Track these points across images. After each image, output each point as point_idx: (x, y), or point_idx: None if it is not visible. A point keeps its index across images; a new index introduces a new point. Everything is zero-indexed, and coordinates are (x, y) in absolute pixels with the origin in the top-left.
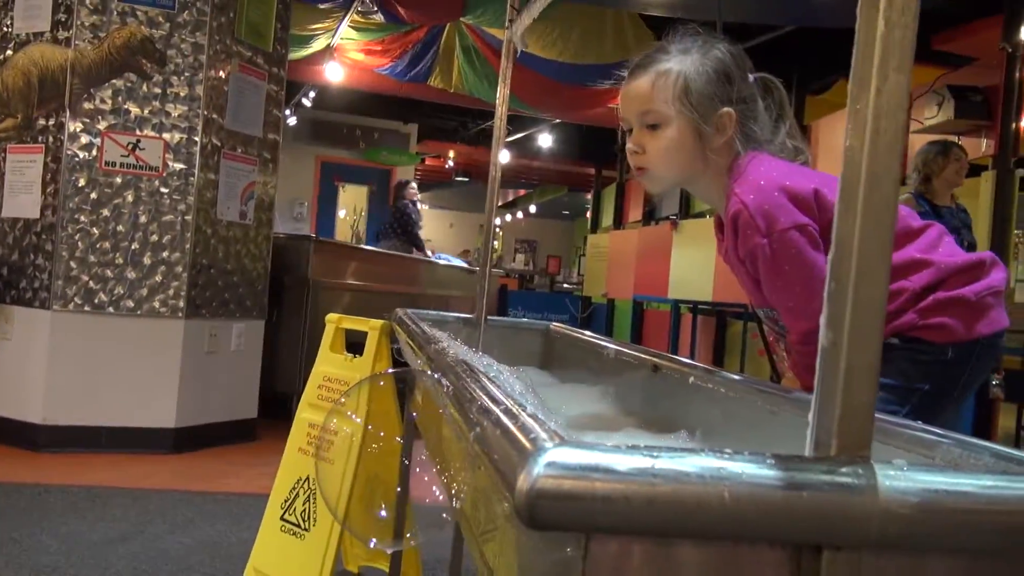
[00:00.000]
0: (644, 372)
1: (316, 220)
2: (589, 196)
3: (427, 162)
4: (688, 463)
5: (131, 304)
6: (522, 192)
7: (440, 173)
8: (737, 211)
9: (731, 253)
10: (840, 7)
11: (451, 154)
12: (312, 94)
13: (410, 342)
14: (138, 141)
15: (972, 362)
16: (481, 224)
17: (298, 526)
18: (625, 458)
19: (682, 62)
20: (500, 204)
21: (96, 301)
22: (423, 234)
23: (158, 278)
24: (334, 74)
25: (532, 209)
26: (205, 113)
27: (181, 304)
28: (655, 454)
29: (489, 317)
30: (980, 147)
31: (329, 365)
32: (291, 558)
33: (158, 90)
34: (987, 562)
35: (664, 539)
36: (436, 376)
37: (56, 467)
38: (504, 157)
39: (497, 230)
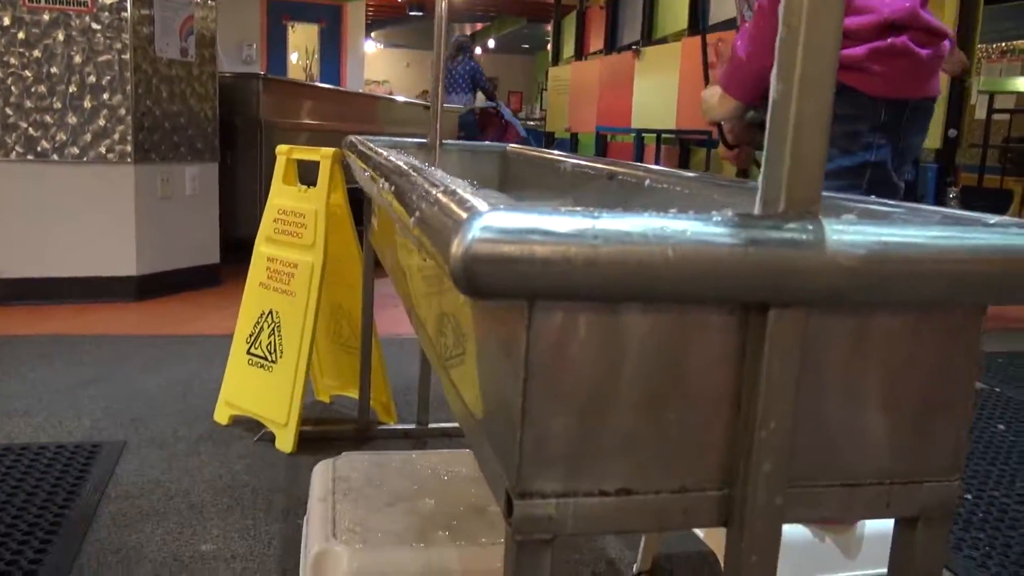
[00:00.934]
0: (601, 181)
1: (267, 63)
2: (549, 28)
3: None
4: (630, 223)
5: (76, 151)
6: (479, 26)
7: (392, 8)
8: None
9: None
10: None
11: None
12: None
13: (359, 161)
14: None
15: (904, 123)
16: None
17: (265, 359)
18: (565, 219)
19: None
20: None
21: (39, 149)
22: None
23: (101, 122)
24: None
25: (491, 44)
26: None
27: (129, 149)
28: (596, 215)
29: (445, 141)
30: None
31: (283, 197)
32: (261, 390)
33: None
34: (932, 317)
35: (609, 302)
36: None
37: (18, 318)
38: None
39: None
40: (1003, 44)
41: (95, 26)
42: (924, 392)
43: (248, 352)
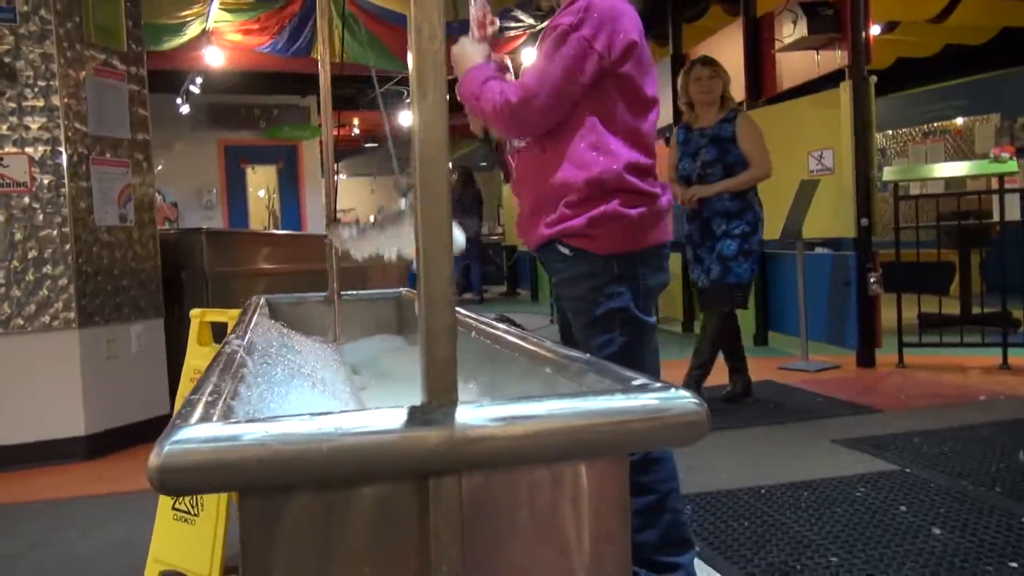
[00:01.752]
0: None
1: (227, 206)
2: None
3: (334, 131)
4: (293, 426)
5: (21, 322)
6: None
7: (348, 141)
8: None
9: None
10: None
11: (355, 121)
12: (199, 80)
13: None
14: (0, 159)
15: (639, 269)
16: (397, 183)
17: (188, 512)
18: (247, 427)
19: None
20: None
21: None
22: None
23: (44, 292)
24: (214, 58)
25: (448, 165)
26: (66, 122)
27: (72, 315)
28: (273, 421)
29: (344, 292)
30: (836, 59)
31: (199, 359)
32: (185, 544)
33: (13, 104)
34: (574, 469)
35: (285, 491)
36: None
37: None
38: (407, 120)
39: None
40: (926, 126)
41: (35, 204)
42: (580, 528)
43: (173, 507)
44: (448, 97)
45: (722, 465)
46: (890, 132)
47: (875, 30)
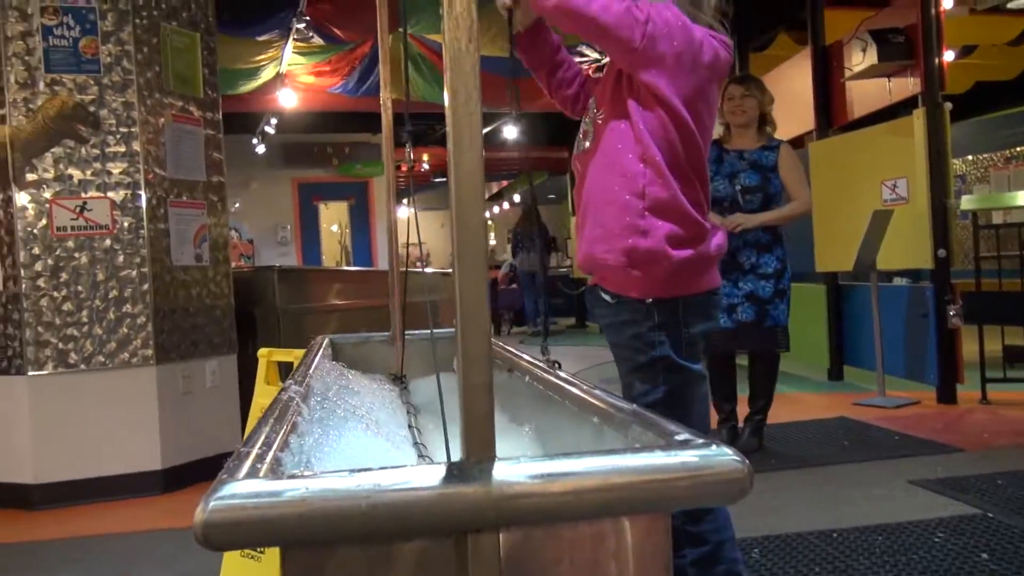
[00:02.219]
0: (504, 375)
1: (301, 241)
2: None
3: (403, 168)
4: (333, 482)
5: (102, 359)
6: (505, 183)
7: (418, 177)
8: None
9: None
10: None
11: (425, 157)
12: (274, 121)
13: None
14: (85, 203)
15: (681, 316)
16: None
17: (255, 550)
18: (289, 483)
19: None
20: (486, 197)
21: (69, 361)
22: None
23: (124, 330)
24: (288, 100)
25: (516, 198)
26: (145, 167)
27: (150, 352)
28: (314, 477)
29: (409, 332)
30: (909, 86)
31: (265, 397)
32: None
33: (97, 151)
34: (616, 526)
35: (326, 546)
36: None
37: (50, 523)
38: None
39: (489, 223)
40: (1008, 151)
41: (116, 246)
42: None
43: None
44: (483, 154)
45: (792, 506)
46: (970, 158)
47: (949, 55)
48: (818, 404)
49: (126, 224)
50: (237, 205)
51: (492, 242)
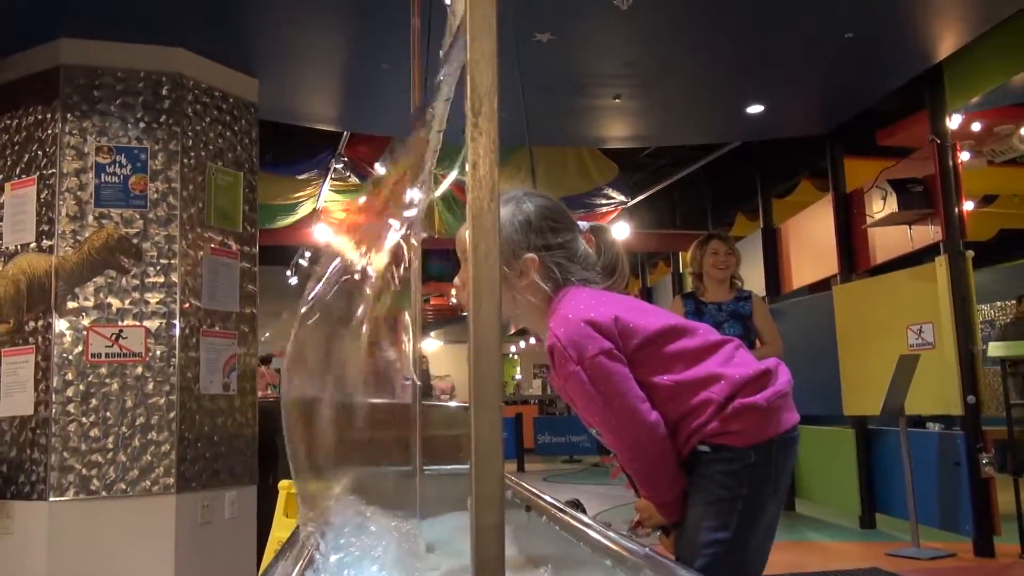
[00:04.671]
0: (519, 513)
1: None
2: None
3: (432, 302)
4: None
5: (123, 487)
6: None
7: (446, 311)
8: (552, 344)
9: (557, 383)
10: (770, 121)
11: (452, 292)
12: (308, 254)
13: None
14: (120, 331)
15: (775, 458)
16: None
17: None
18: None
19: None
20: (511, 331)
21: (91, 487)
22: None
23: (148, 458)
24: (322, 235)
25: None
26: (182, 297)
27: (171, 481)
28: None
29: (428, 467)
30: (930, 233)
31: (283, 530)
32: None
33: (136, 281)
34: None
35: None
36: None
37: None
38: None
39: (514, 356)
40: None
41: (147, 373)
42: None
43: None
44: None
45: None
46: (999, 303)
47: (969, 205)
48: (850, 554)
49: (159, 352)
50: (267, 335)
51: (518, 376)
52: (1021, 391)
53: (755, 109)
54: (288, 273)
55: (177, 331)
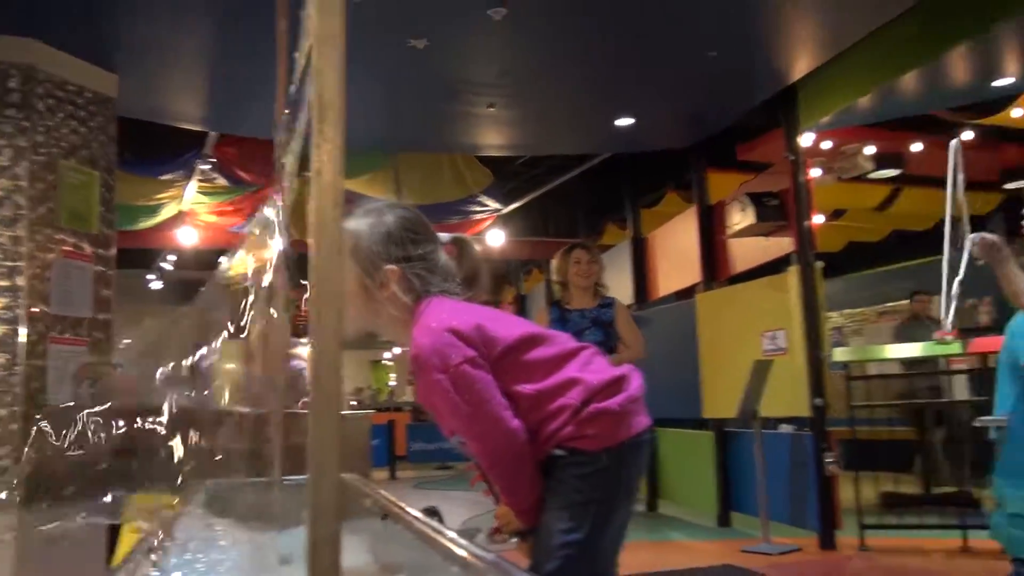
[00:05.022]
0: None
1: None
2: None
3: (302, 309)
4: None
5: None
6: None
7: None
8: (416, 353)
9: (421, 392)
10: (639, 134)
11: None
12: (172, 257)
13: None
14: None
15: (625, 461)
16: (370, 360)
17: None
18: None
19: (358, 223)
20: (386, 339)
21: None
22: None
23: None
24: (187, 238)
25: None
26: (28, 302)
27: (16, 495)
28: None
29: (287, 477)
30: (784, 245)
31: (130, 545)
32: None
33: None
34: None
35: None
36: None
37: None
38: None
39: (389, 362)
40: (880, 306)
41: None
42: None
43: None
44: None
45: None
46: (847, 311)
47: (820, 218)
48: (706, 551)
49: (1, 360)
50: (127, 341)
51: (393, 383)
52: (864, 394)
53: (624, 122)
54: (150, 277)
55: (23, 338)
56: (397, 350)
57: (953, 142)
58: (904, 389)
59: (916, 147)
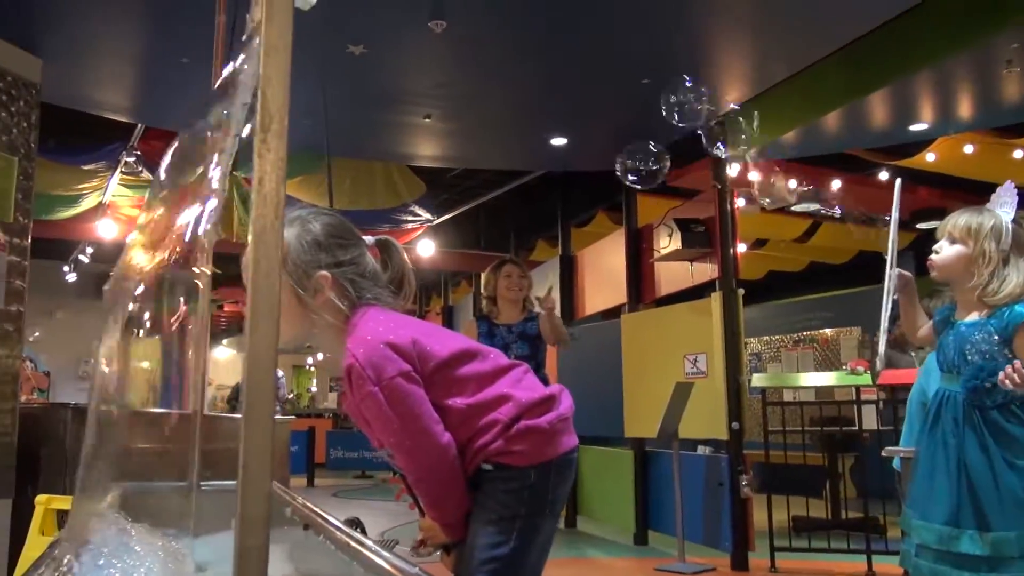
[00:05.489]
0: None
1: None
2: None
3: (226, 308)
4: None
5: None
6: None
7: (240, 318)
8: (350, 364)
9: (351, 404)
10: (572, 153)
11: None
12: (90, 250)
13: None
14: None
15: (552, 479)
16: (292, 364)
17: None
18: None
19: (285, 233)
20: (308, 344)
21: None
22: None
23: None
24: (107, 230)
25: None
26: None
27: None
28: None
29: (207, 482)
30: (708, 271)
31: (38, 550)
32: None
33: None
34: None
35: None
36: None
37: None
38: None
39: (310, 368)
40: (797, 334)
41: None
42: None
43: None
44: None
45: None
46: (765, 338)
47: (742, 247)
48: (622, 569)
49: None
50: (37, 334)
51: (314, 388)
52: (779, 419)
53: (558, 141)
54: (66, 268)
55: None
56: (320, 356)
57: (898, 180)
58: (817, 416)
59: (835, 184)
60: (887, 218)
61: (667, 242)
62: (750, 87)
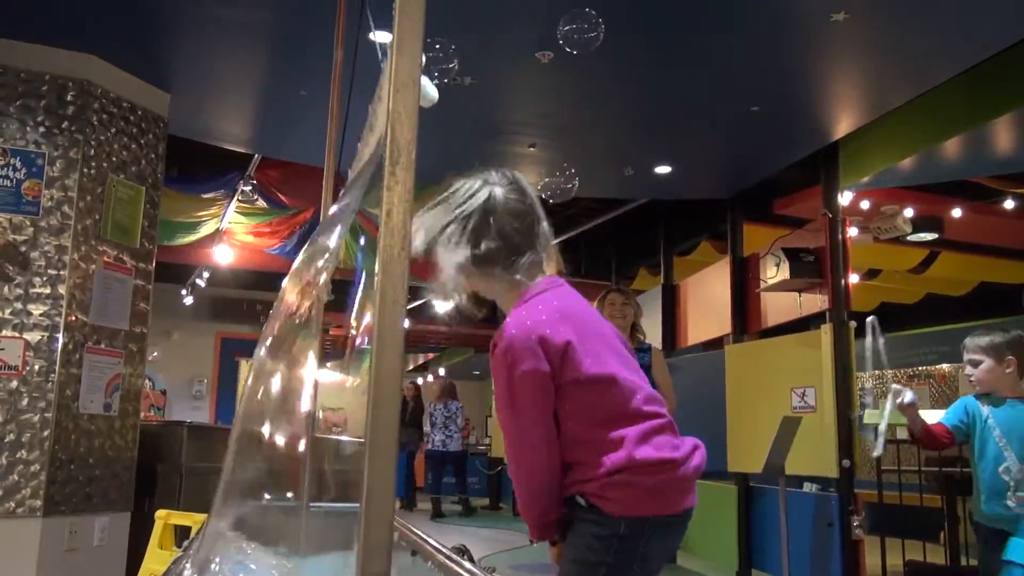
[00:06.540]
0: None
1: (216, 397)
2: None
3: (331, 332)
4: None
5: None
6: (431, 356)
7: (346, 342)
8: (500, 336)
9: (492, 367)
10: (676, 182)
11: (353, 324)
12: (206, 274)
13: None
14: None
15: (646, 535)
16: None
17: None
18: None
19: (493, 189)
20: (409, 368)
21: None
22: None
23: (15, 478)
24: (223, 256)
25: (441, 371)
26: (68, 310)
27: (38, 503)
28: None
29: (315, 503)
30: (818, 302)
31: (157, 563)
32: None
33: (20, 291)
34: None
35: None
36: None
37: None
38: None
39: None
40: (911, 369)
41: (22, 388)
42: None
43: None
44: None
45: None
46: (877, 373)
47: (854, 278)
48: None
49: (37, 367)
50: (155, 354)
51: None
52: (893, 457)
53: (663, 169)
54: (183, 292)
55: (59, 346)
56: (431, 378)
57: (869, 319)
58: (935, 455)
59: (955, 212)
60: None
61: (774, 271)
62: (867, 112)
